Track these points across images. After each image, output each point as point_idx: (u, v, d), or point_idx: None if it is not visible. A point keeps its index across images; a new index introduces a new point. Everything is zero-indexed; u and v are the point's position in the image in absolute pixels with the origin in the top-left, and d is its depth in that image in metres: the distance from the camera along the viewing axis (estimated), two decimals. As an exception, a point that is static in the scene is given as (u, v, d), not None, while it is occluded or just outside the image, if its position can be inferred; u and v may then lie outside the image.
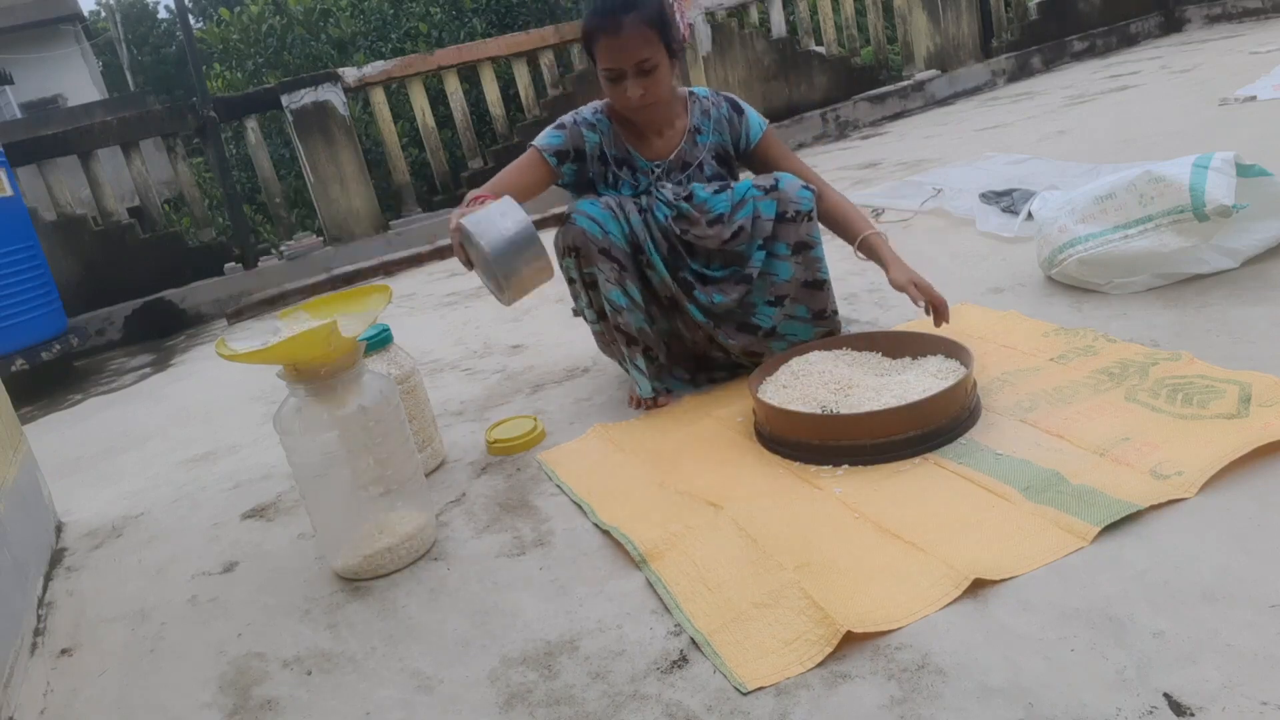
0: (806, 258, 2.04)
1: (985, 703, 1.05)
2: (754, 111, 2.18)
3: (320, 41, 9.47)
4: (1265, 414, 1.48)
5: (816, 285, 2.06)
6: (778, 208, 2.01)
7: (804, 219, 2.02)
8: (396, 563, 1.64)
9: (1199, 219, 2.01)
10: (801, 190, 2.02)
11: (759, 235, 2.01)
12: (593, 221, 1.98)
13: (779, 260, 2.03)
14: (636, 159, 2.10)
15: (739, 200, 2.02)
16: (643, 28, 1.90)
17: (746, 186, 2.03)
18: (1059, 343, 1.97)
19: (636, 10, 1.89)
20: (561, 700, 1.22)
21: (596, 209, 2.00)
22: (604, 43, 1.92)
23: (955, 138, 5.15)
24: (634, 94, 1.95)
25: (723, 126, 2.14)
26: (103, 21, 20.59)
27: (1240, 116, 3.78)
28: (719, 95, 2.17)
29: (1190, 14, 7.52)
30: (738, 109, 2.16)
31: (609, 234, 1.99)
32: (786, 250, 2.03)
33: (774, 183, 2.02)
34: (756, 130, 2.16)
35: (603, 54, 1.94)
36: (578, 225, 1.99)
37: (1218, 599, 1.13)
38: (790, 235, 2.01)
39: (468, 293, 4.06)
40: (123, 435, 3.00)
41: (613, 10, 1.89)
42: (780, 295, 2.05)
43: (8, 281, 3.82)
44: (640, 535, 1.55)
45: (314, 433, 1.61)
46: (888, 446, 1.63)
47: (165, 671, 1.50)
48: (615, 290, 2.02)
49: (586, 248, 1.99)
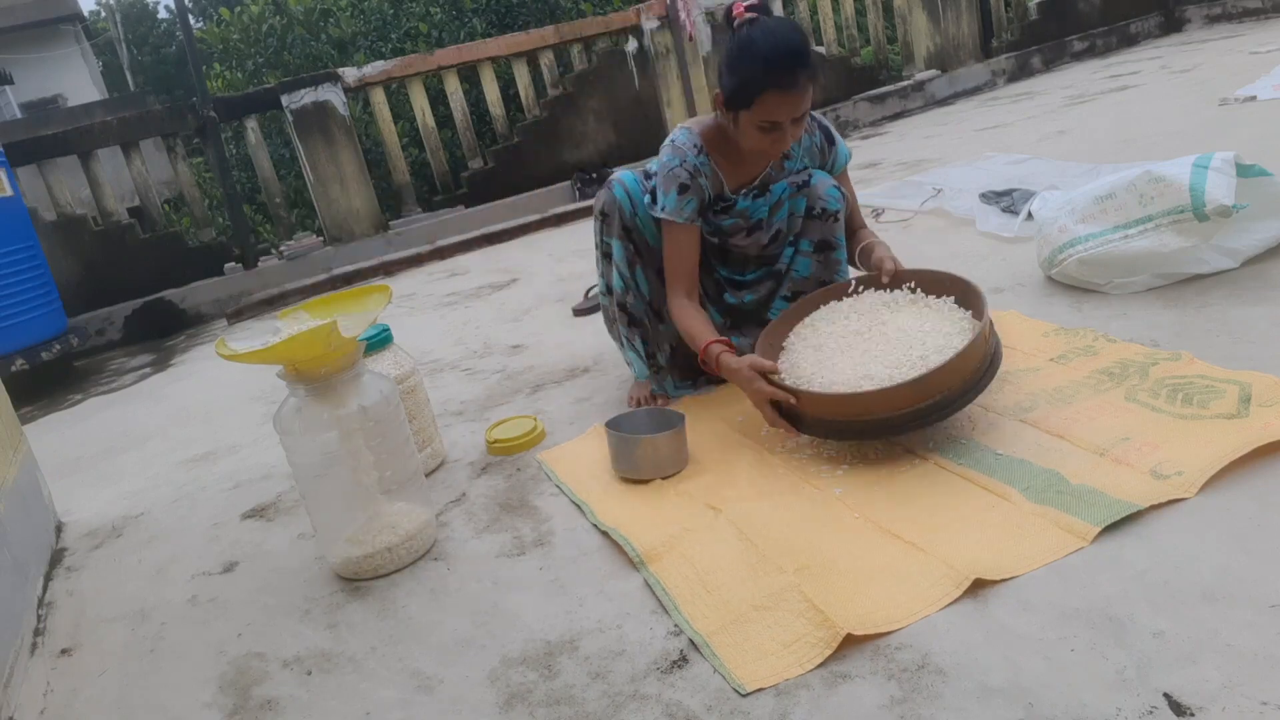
0: (828, 258, 2.04)
1: (985, 703, 1.05)
2: (843, 142, 2.12)
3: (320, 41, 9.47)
4: (1265, 414, 1.48)
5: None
6: (806, 203, 2.01)
7: (830, 218, 2.01)
8: (396, 563, 1.64)
9: (1199, 219, 2.01)
10: (831, 189, 2.00)
11: (791, 233, 2.02)
12: (628, 197, 2.01)
13: (801, 256, 2.05)
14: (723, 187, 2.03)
15: (775, 202, 2.01)
16: (811, 84, 1.79)
17: (782, 187, 2.01)
18: (1059, 343, 1.97)
19: (810, 66, 1.78)
20: (561, 700, 1.22)
21: (637, 186, 2.03)
22: (776, 98, 1.77)
23: (955, 138, 5.16)
24: (788, 142, 1.84)
25: (814, 154, 2.08)
26: (103, 21, 20.58)
27: (1240, 116, 3.78)
28: (813, 121, 2.06)
29: (1190, 14, 7.52)
30: (830, 139, 2.09)
31: (638, 215, 2.00)
32: (809, 247, 2.04)
33: (806, 179, 2.01)
34: (843, 161, 2.11)
35: (771, 107, 1.78)
36: (614, 193, 2.02)
37: (1218, 599, 1.13)
38: (815, 232, 2.02)
39: (468, 293, 4.06)
40: (123, 435, 3.00)
41: (791, 67, 1.75)
42: (797, 291, 2.05)
43: (8, 281, 3.82)
44: (639, 537, 1.55)
45: (314, 433, 1.61)
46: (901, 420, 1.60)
47: (165, 671, 1.50)
48: (627, 270, 2.04)
49: (612, 218, 2.03)
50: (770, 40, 1.75)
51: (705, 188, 1.98)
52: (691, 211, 1.96)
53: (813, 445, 1.77)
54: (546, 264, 4.33)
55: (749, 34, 1.78)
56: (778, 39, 1.75)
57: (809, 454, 1.74)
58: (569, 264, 4.16)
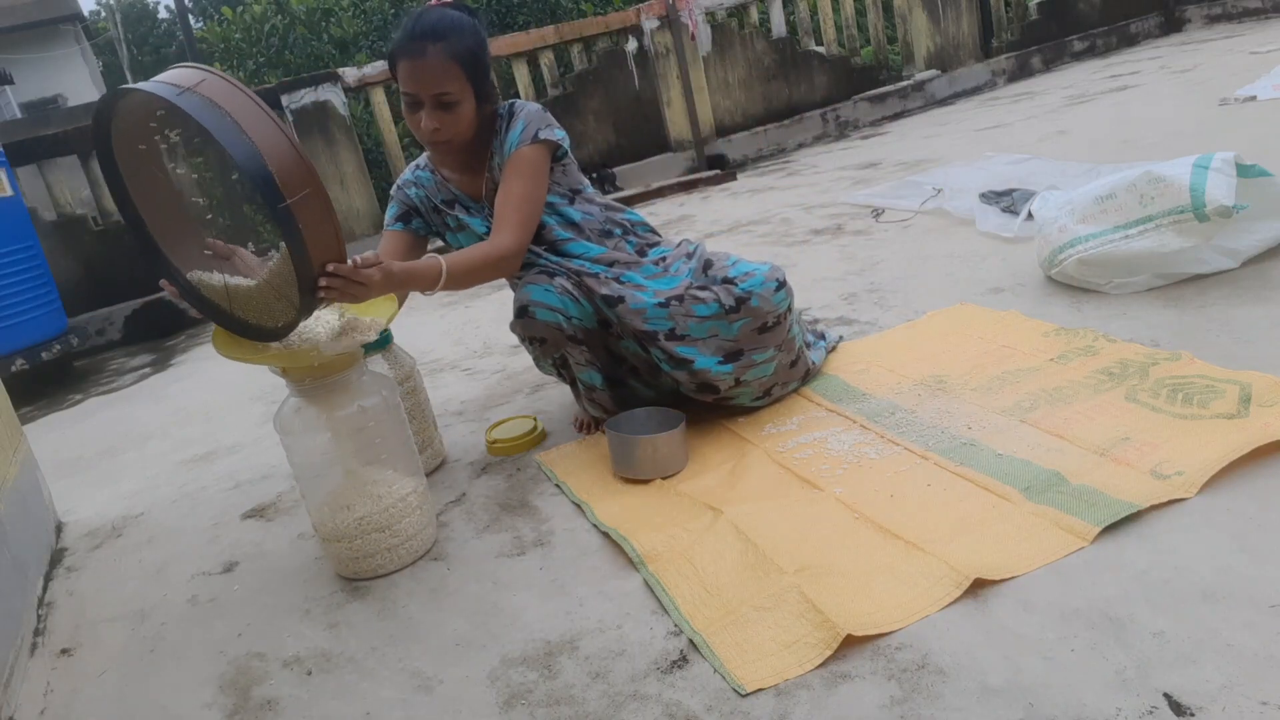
0: (787, 343, 1.92)
1: (985, 703, 1.05)
2: (523, 123, 1.88)
3: (322, 41, 9.47)
4: (1265, 414, 1.48)
5: (798, 360, 1.99)
6: (749, 325, 1.84)
7: (783, 319, 1.88)
8: (396, 563, 1.64)
9: (1199, 219, 2.01)
10: (776, 296, 1.85)
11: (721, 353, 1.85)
12: (554, 312, 1.85)
13: (762, 364, 1.89)
14: (465, 198, 1.99)
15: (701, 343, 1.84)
16: (446, 62, 1.76)
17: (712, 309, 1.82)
18: (1059, 343, 1.97)
19: (445, 42, 1.76)
20: (561, 700, 1.22)
21: (553, 297, 1.86)
22: (404, 66, 1.78)
23: (955, 138, 5.16)
24: (427, 126, 1.80)
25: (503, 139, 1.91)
26: (103, 22, 20.59)
27: (1240, 116, 3.78)
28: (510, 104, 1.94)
29: (1190, 14, 7.52)
30: (511, 112, 1.92)
31: (572, 319, 1.87)
32: (768, 352, 1.89)
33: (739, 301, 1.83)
34: (512, 144, 1.87)
35: (402, 78, 1.80)
36: (539, 320, 1.85)
37: (1218, 599, 1.13)
38: (771, 340, 1.88)
39: (467, 293, 4.06)
40: (123, 435, 3.00)
41: (420, 35, 1.77)
42: (768, 388, 1.94)
43: (8, 281, 3.82)
44: (639, 537, 1.55)
45: (314, 433, 1.61)
46: None
47: (165, 671, 1.50)
48: (587, 372, 1.96)
49: (554, 338, 1.88)
50: (413, 16, 1.82)
51: (415, 196, 2.03)
52: (393, 213, 2.04)
53: (813, 445, 1.77)
54: (546, 264, 4.32)
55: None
56: (419, 14, 1.82)
57: (809, 454, 1.74)
58: (569, 264, 4.15)
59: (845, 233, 3.52)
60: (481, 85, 1.84)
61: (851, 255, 3.15)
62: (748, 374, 1.88)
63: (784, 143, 6.51)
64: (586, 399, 2.03)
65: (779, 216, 4.13)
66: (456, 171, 1.99)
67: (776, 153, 6.46)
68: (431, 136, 1.83)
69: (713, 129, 6.39)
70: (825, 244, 3.41)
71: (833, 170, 5.07)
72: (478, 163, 1.95)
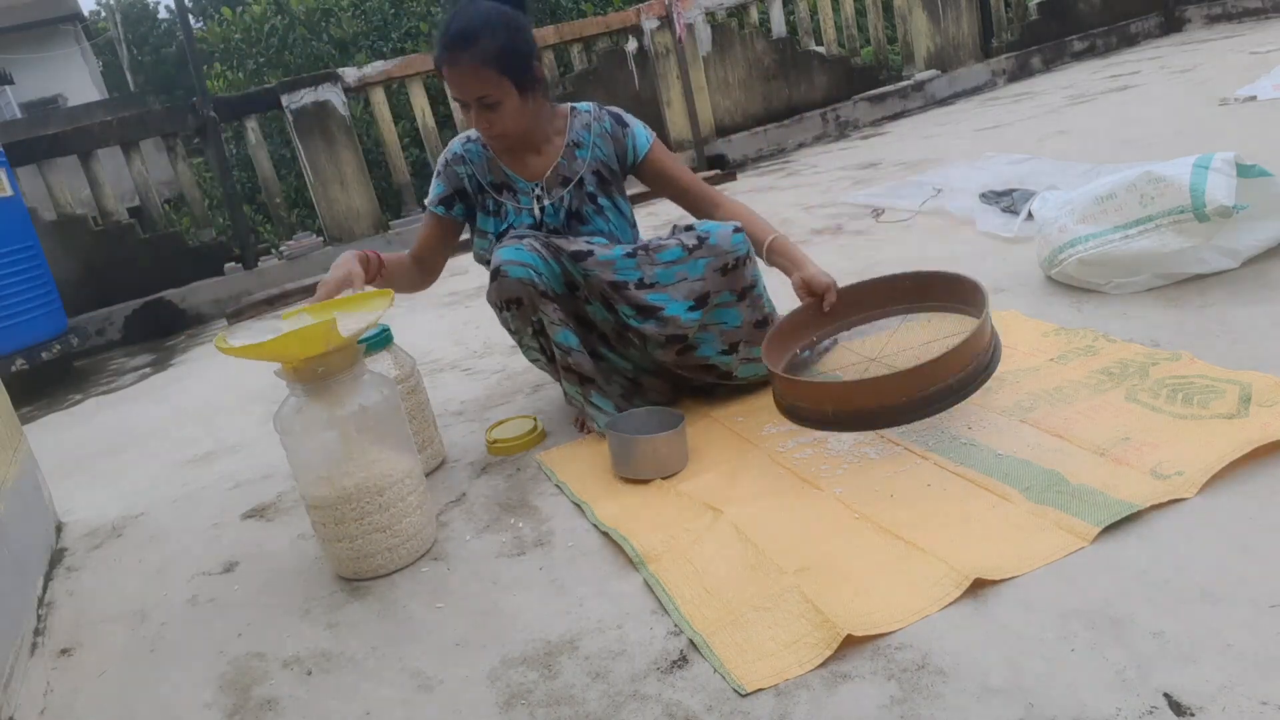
0: (752, 298, 1.96)
1: (985, 703, 1.05)
2: (640, 124, 2.11)
3: (321, 41, 9.47)
4: (1265, 414, 1.48)
5: (765, 322, 1.98)
6: (712, 264, 1.90)
7: (744, 263, 1.93)
8: (396, 563, 1.64)
9: (1199, 219, 2.01)
10: (735, 237, 1.92)
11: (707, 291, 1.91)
12: (525, 268, 1.89)
13: (726, 309, 1.94)
14: (516, 180, 2.04)
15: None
16: (478, 67, 1.84)
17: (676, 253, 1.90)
18: (1059, 343, 1.97)
19: (475, 48, 1.83)
20: (561, 700, 1.22)
21: (524, 254, 1.90)
22: (446, 73, 1.89)
23: (955, 138, 5.16)
24: (480, 126, 1.92)
25: (605, 140, 2.07)
26: (103, 22, 20.56)
27: (1240, 116, 3.78)
28: (602, 109, 2.10)
29: (1190, 14, 7.52)
30: (621, 122, 2.09)
31: (543, 276, 1.91)
32: (732, 297, 1.94)
33: (700, 240, 1.91)
34: (644, 143, 2.08)
35: (448, 84, 1.90)
36: (512, 277, 1.89)
37: (1218, 599, 1.13)
38: (735, 283, 1.92)
39: (468, 292, 4.06)
40: (123, 435, 3.00)
41: (450, 44, 1.85)
42: (734, 341, 1.96)
43: (8, 281, 3.82)
44: (639, 537, 1.55)
45: (314, 433, 1.61)
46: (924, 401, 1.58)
47: (165, 671, 1.50)
48: (562, 331, 1.95)
49: (529, 296, 1.90)
50: (448, 16, 1.88)
51: (462, 173, 2.06)
52: (439, 193, 2.06)
53: (813, 445, 1.77)
54: (546, 264, 4.32)
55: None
56: (452, 16, 1.88)
57: (809, 454, 1.74)
58: (569, 264, 4.15)
59: (845, 233, 3.52)
60: (522, 78, 1.90)
61: (851, 255, 3.15)
62: (712, 318, 1.93)
63: (784, 143, 6.51)
64: (563, 368, 1.99)
65: (779, 217, 4.13)
66: (522, 153, 2.05)
67: (776, 153, 6.47)
68: (488, 135, 1.95)
69: (713, 129, 6.39)
70: (825, 244, 3.41)
71: (833, 170, 5.07)
72: (540, 146, 2.05)
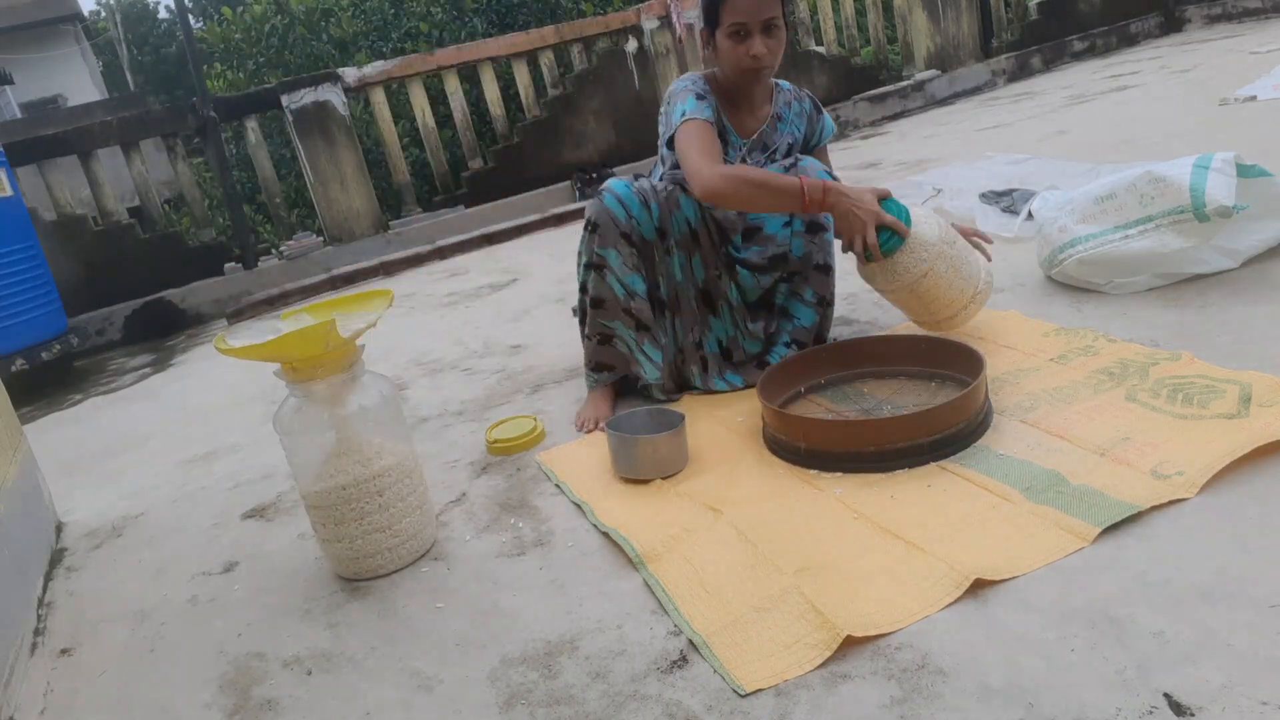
0: (819, 239, 2.11)
1: (985, 703, 1.05)
2: (829, 116, 2.26)
3: (321, 41, 9.47)
4: (1265, 414, 1.48)
5: (825, 269, 2.13)
6: None
7: None
8: (396, 563, 1.64)
9: (1199, 219, 2.01)
10: (820, 173, 2.04)
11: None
12: (620, 204, 2.01)
13: (796, 236, 2.10)
14: (731, 133, 2.12)
15: None
16: None
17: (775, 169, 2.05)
18: (1059, 343, 1.97)
19: None
20: (561, 700, 1.22)
21: (628, 191, 2.03)
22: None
23: (955, 138, 5.15)
24: (759, 50, 1.94)
25: (803, 120, 2.20)
26: (103, 22, 20.57)
27: (1240, 116, 3.78)
28: (800, 91, 2.23)
29: (1190, 14, 7.52)
30: (818, 109, 2.24)
31: (634, 218, 2.02)
32: (801, 226, 2.10)
33: (794, 162, 2.05)
34: (829, 132, 2.25)
35: (735, 7, 1.92)
36: (604, 204, 2.02)
37: (1218, 599, 1.13)
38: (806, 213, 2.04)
39: (468, 293, 4.06)
40: (123, 435, 3.00)
41: None
42: (792, 271, 2.12)
43: (8, 281, 3.82)
44: (639, 537, 1.55)
45: (314, 433, 1.61)
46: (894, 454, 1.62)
47: (165, 671, 1.51)
48: (632, 275, 2.04)
49: (606, 228, 2.02)
50: None
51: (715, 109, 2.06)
52: (711, 113, 2.01)
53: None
54: (546, 264, 4.33)
55: None
56: None
57: (809, 454, 1.74)
58: (569, 264, 4.15)
59: (845, 233, 3.51)
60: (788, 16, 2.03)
61: (851, 254, 3.14)
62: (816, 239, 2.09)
63: (784, 143, 6.50)
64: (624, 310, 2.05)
65: (779, 216, 4.12)
66: (742, 108, 2.12)
67: (776, 153, 6.46)
68: (758, 63, 1.96)
69: (713, 129, 6.38)
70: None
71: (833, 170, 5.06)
72: (757, 106, 2.13)
